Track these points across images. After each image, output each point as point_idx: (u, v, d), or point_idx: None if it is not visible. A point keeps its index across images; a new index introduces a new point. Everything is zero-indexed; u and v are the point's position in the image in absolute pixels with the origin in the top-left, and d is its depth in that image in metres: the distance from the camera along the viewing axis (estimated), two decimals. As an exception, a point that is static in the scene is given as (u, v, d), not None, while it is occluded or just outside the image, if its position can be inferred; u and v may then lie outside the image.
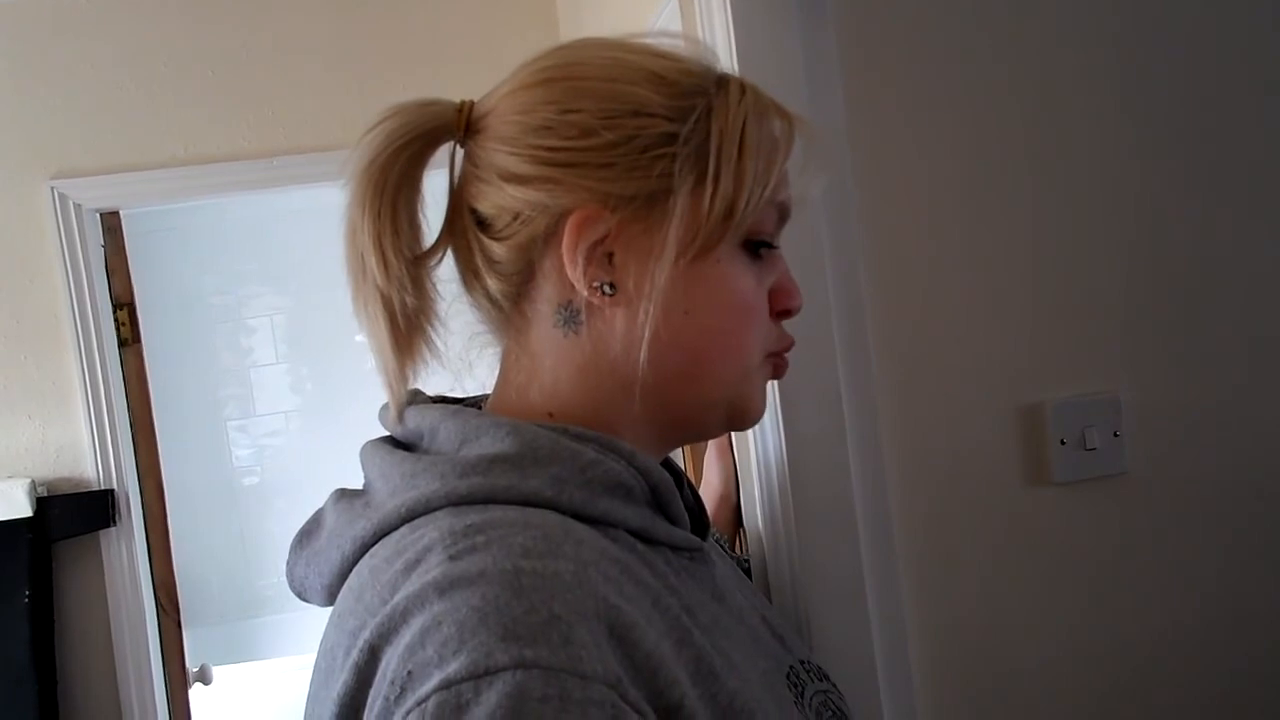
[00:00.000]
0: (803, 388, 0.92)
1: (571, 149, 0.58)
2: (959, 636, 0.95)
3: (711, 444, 1.08)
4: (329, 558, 0.59)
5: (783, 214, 0.65)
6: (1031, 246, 0.95)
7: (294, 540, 0.64)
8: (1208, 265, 0.98)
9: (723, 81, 0.62)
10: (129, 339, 2.20)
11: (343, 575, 0.58)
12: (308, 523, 0.64)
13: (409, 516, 0.55)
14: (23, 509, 2.02)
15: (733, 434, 1.04)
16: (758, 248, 0.63)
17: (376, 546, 0.56)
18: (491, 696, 0.42)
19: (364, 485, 0.63)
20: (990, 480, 0.95)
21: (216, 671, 2.42)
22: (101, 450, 2.12)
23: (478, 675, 0.43)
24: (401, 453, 0.61)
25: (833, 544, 0.93)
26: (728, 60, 0.91)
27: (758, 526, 0.99)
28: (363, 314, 0.62)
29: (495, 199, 0.61)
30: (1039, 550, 0.96)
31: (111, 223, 2.20)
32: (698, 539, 0.65)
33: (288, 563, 0.64)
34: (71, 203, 2.12)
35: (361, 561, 0.56)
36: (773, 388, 0.91)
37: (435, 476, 0.56)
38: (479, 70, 0.58)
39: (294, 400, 3.96)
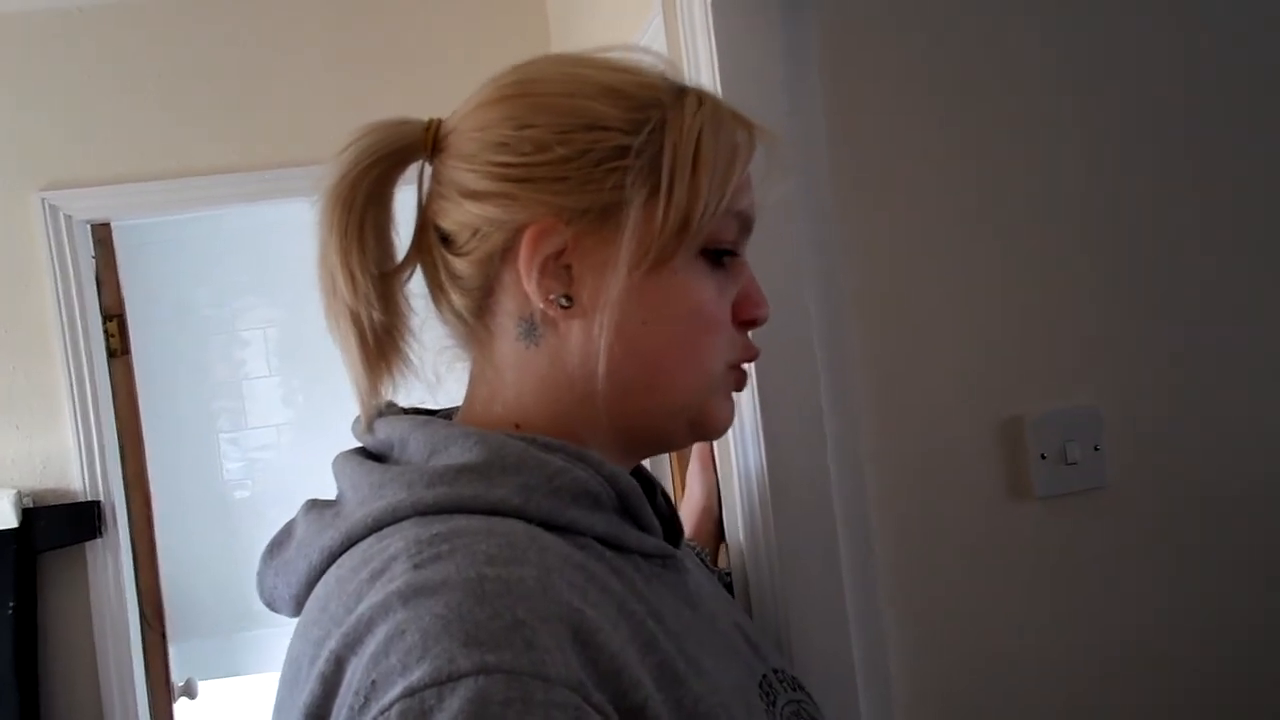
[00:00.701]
0: (783, 401, 0.92)
1: (526, 164, 0.59)
2: (938, 649, 0.95)
3: (694, 457, 1.07)
4: (297, 567, 0.59)
5: (744, 223, 0.65)
6: (1011, 259, 0.95)
7: (265, 550, 0.64)
8: (1189, 278, 0.98)
9: (680, 93, 0.62)
10: (118, 350, 2.20)
11: (310, 585, 0.58)
12: (279, 533, 0.65)
13: (376, 526, 0.56)
14: (8, 520, 2.01)
15: (714, 447, 1.04)
16: (719, 256, 0.63)
17: (344, 556, 0.56)
18: (454, 702, 0.42)
19: (336, 496, 0.63)
20: (971, 494, 0.95)
21: (206, 685, 2.41)
22: (88, 461, 2.11)
23: (440, 681, 0.43)
24: (371, 463, 0.61)
25: (813, 557, 0.92)
26: (709, 73, 0.91)
27: (739, 539, 0.99)
28: (335, 330, 0.63)
29: (456, 215, 0.62)
30: (1019, 564, 0.96)
31: (102, 234, 2.19)
32: (669, 546, 0.65)
33: (258, 573, 0.64)
34: (62, 214, 2.12)
35: (329, 571, 0.57)
36: (753, 401, 0.91)
37: (403, 486, 0.57)
38: (471, 84, 0.59)
39: (286, 413, 3.96)
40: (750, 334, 0.91)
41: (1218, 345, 0.98)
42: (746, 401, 0.93)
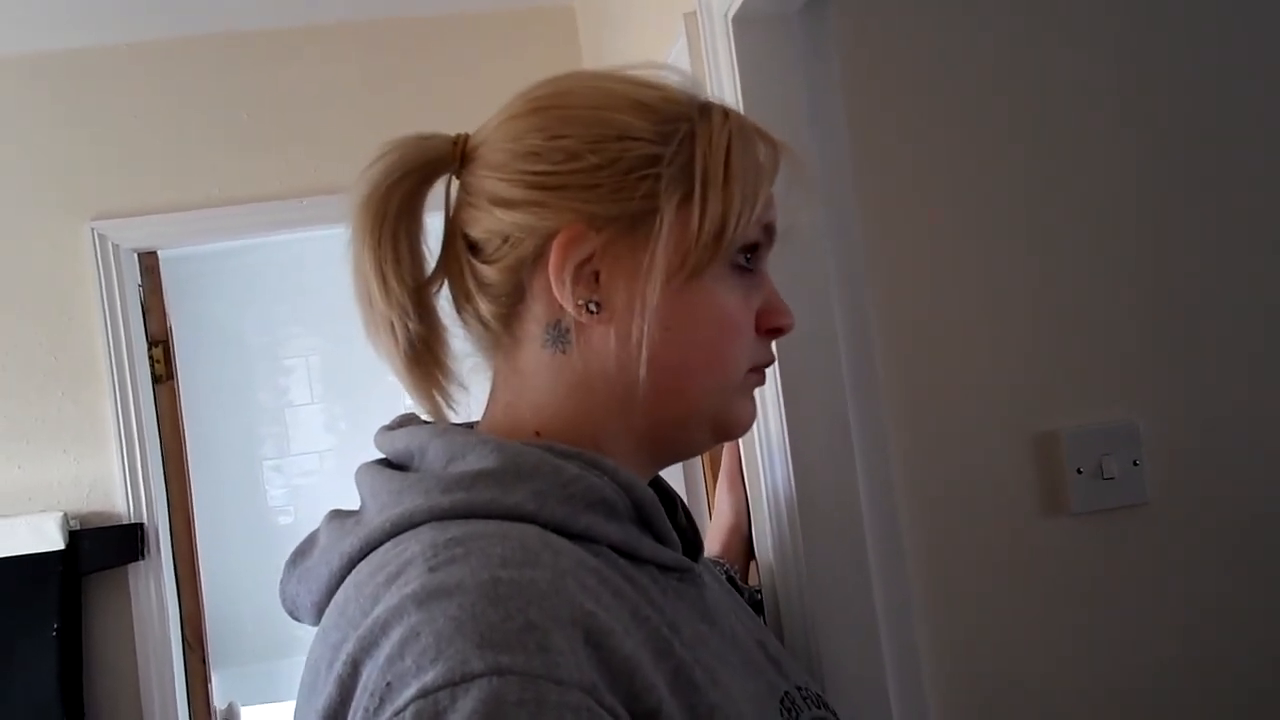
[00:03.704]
0: (810, 417, 0.91)
1: (558, 173, 0.61)
2: (973, 669, 0.93)
3: (723, 474, 1.06)
4: (318, 574, 0.60)
5: (770, 234, 0.66)
6: (1044, 271, 0.94)
7: (288, 559, 0.65)
8: (1229, 290, 0.96)
9: (706, 108, 0.64)
10: (163, 376, 2.24)
11: (331, 592, 0.58)
12: (303, 542, 0.65)
13: (393, 531, 0.56)
14: (55, 542, 2.05)
15: (743, 465, 1.03)
16: (745, 265, 0.64)
17: (362, 562, 0.57)
18: (467, 703, 0.43)
19: (359, 506, 0.64)
20: (1005, 510, 0.93)
21: (248, 712, 2.42)
22: (133, 485, 2.15)
23: (454, 683, 0.43)
24: (391, 472, 0.62)
25: (843, 576, 0.91)
26: (732, 90, 0.92)
27: (769, 558, 0.98)
28: (376, 342, 0.65)
29: (486, 223, 0.63)
30: (1057, 582, 0.93)
31: (149, 262, 2.25)
32: (687, 560, 0.65)
33: (281, 581, 0.65)
34: (110, 243, 2.17)
35: (348, 577, 0.57)
36: (780, 417, 0.90)
37: (420, 493, 0.57)
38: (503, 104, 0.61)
39: (329, 440, 4.01)
40: (778, 350, 0.91)
41: (1259, 358, 0.96)
42: (773, 418, 0.92)
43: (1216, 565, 0.94)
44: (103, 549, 2.10)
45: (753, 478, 1.00)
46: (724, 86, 0.94)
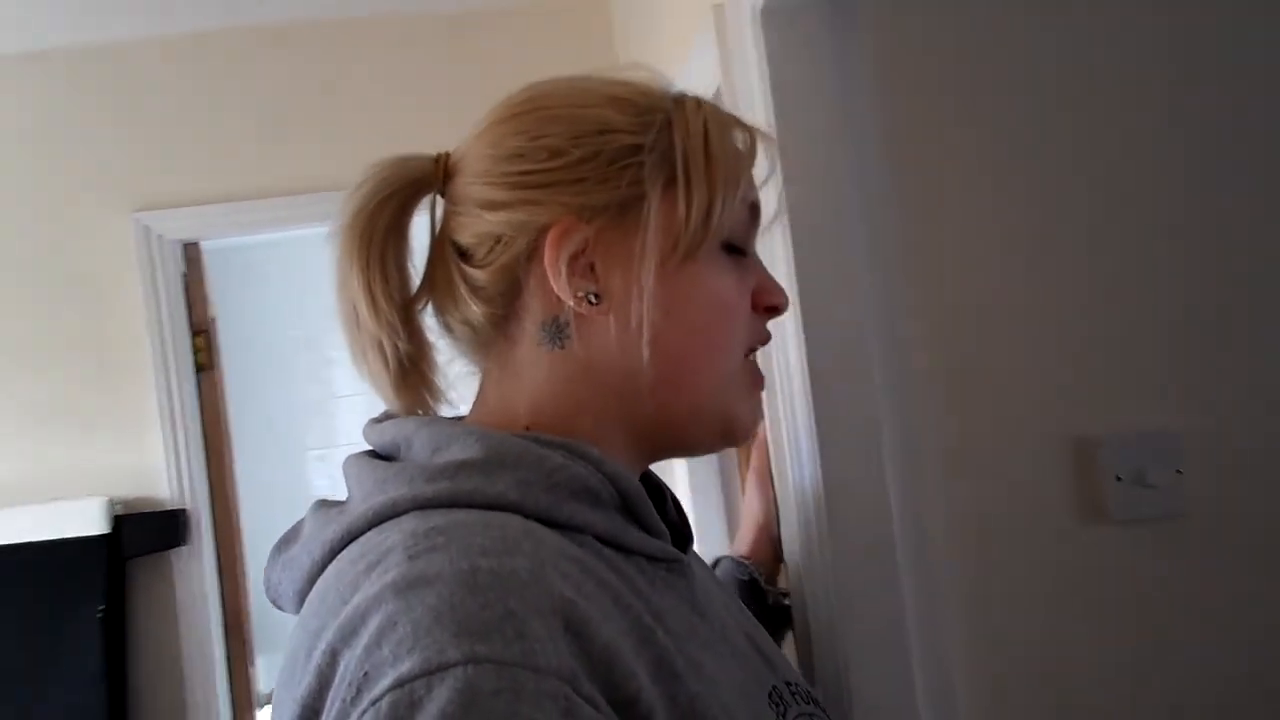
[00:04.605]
0: (840, 416, 0.89)
1: (544, 170, 0.62)
2: (1008, 680, 0.90)
3: (751, 473, 1.05)
4: (301, 563, 0.60)
5: (755, 213, 0.68)
6: (1084, 272, 0.90)
7: (273, 548, 0.65)
8: (1276, 293, 0.92)
9: (680, 98, 0.66)
10: (206, 365, 2.28)
11: (312, 580, 0.59)
12: (288, 531, 0.66)
13: (376, 520, 0.56)
14: (99, 526, 2.09)
15: (773, 464, 1.01)
16: (735, 246, 0.66)
17: (345, 550, 0.57)
18: (443, 692, 0.43)
19: (346, 496, 0.65)
20: (1041, 516, 0.90)
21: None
22: (176, 471, 2.19)
23: (430, 672, 0.43)
24: (377, 461, 0.63)
25: (871, 580, 0.89)
26: (760, 86, 0.90)
27: (796, 560, 0.96)
28: (362, 363, 0.66)
29: (476, 228, 0.64)
30: (1095, 592, 0.90)
31: (192, 253, 2.28)
32: (675, 550, 0.65)
33: (265, 569, 0.65)
34: (153, 234, 2.21)
35: (330, 565, 0.57)
36: (809, 416, 0.88)
37: (404, 482, 0.57)
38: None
39: (372, 431, 4.03)
40: (807, 347, 0.89)
41: (1315, 362, 0.92)
42: (801, 416, 0.90)
43: (1259, 579, 0.90)
44: (146, 534, 2.14)
45: (780, 478, 0.98)
46: (752, 79, 0.92)
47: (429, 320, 0.67)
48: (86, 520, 2.09)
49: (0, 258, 2.22)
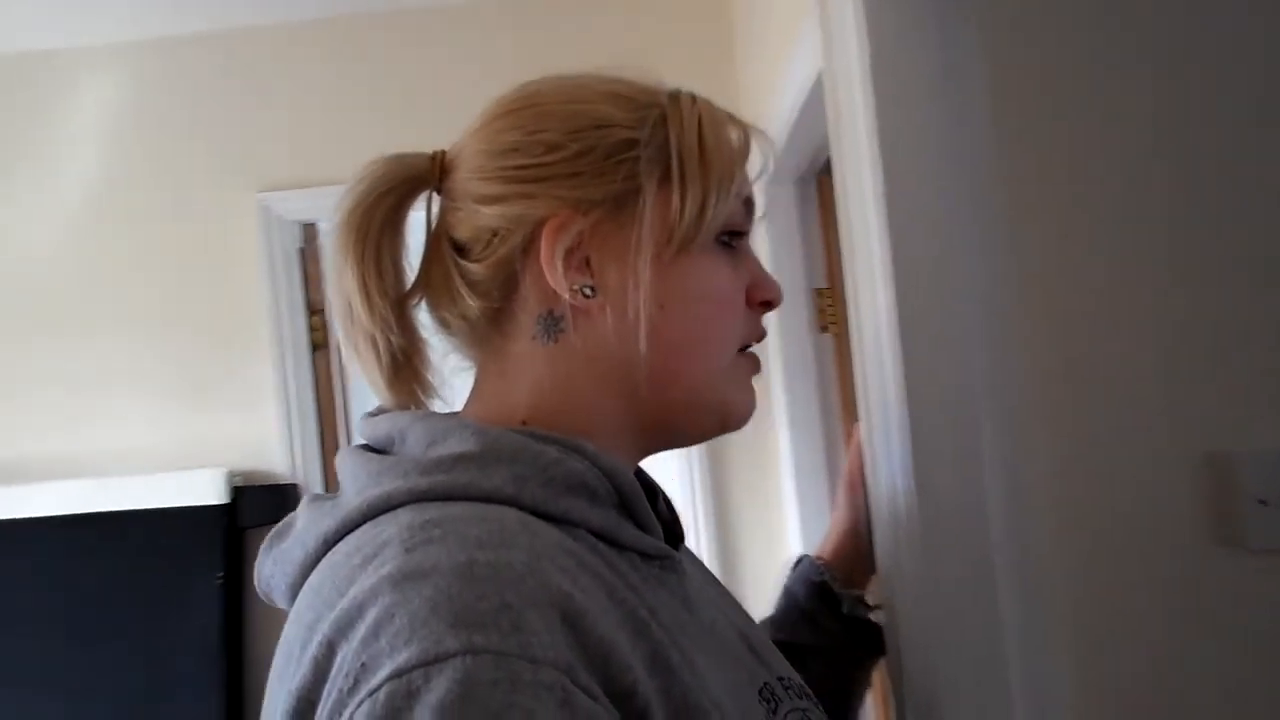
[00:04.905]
0: (937, 425, 0.81)
1: (540, 164, 0.63)
2: (1118, 712, 0.81)
3: (843, 477, 0.99)
4: (293, 556, 0.60)
5: (750, 208, 0.68)
6: (1220, 264, 0.80)
7: (265, 542, 0.66)
8: None
9: (674, 95, 0.66)
10: (321, 343, 2.34)
11: (305, 573, 0.59)
12: (280, 525, 0.66)
13: (370, 513, 0.57)
14: (219, 496, 2.18)
15: (866, 470, 0.94)
16: (730, 240, 0.67)
17: (339, 544, 0.57)
18: (441, 682, 0.43)
19: (339, 489, 0.65)
20: (1164, 541, 0.80)
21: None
22: (289, 446, 2.26)
23: (428, 662, 0.44)
24: (371, 455, 0.63)
25: (966, 607, 0.81)
26: (860, 66, 0.82)
27: (887, 572, 0.90)
28: (354, 357, 0.67)
29: (473, 222, 0.64)
30: (1228, 628, 0.80)
31: (310, 233, 2.34)
32: (668, 547, 0.65)
33: (257, 563, 0.66)
34: (274, 214, 2.28)
35: (324, 559, 0.57)
36: (903, 420, 0.81)
37: (399, 475, 0.58)
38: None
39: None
40: (902, 342, 0.82)
41: None
42: (895, 420, 0.83)
43: None
44: (261, 505, 2.22)
45: (873, 487, 0.92)
46: (851, 61, 0.85)
47: (424, 318, 0.67)
48: (207, 490, 2.18)
49: (130, 236, 2.32)
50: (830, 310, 1.95)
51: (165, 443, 2.28)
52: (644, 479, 0.72)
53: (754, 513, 2.28)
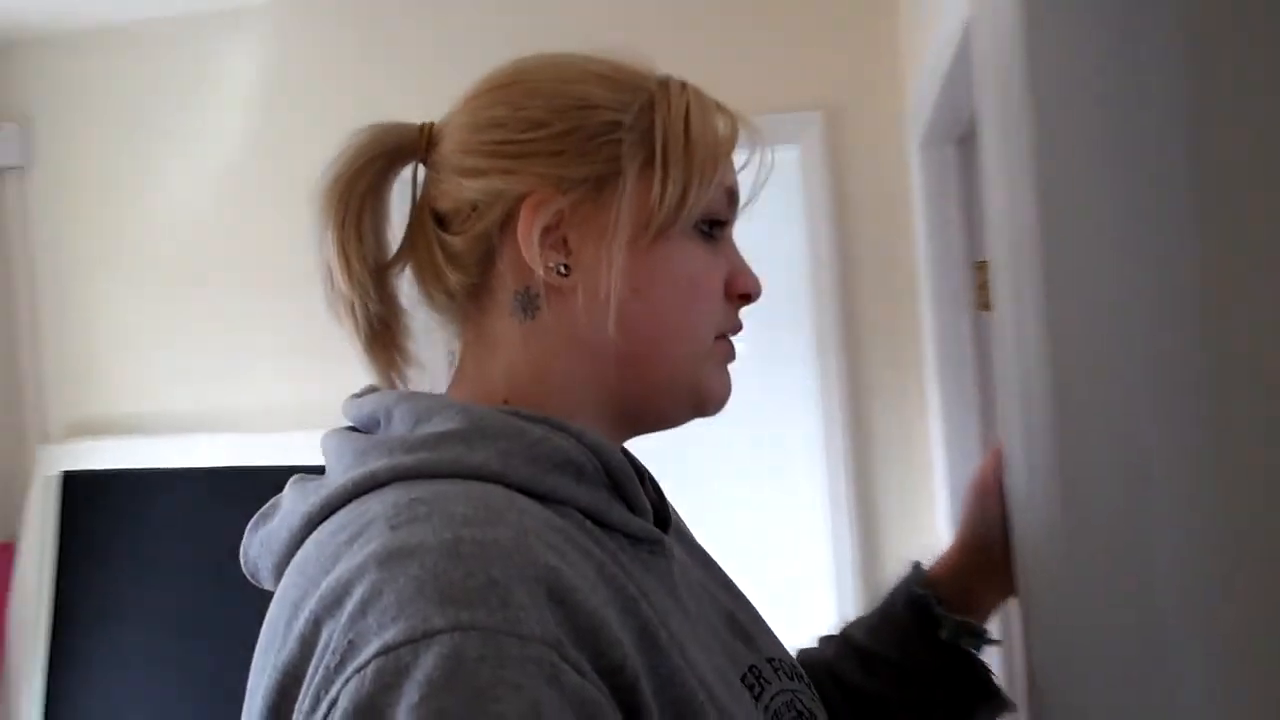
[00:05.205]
0: (1094, 444, 0.65)
1: (523, 140, 0.63)
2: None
3: (971, 482, 0.84)
4: (279, 537, 0.60)
5: (733, 198, 0.68)
6: None
7: (250, 523, 0.66)
8: None
9: (664, 80, 0.67)
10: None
11: (291, 553, 0.59)
12: (266, 506, 0.66)
13: (356, 492, 0.57)
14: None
15: (1007, 480, 0.79)
16: (710, 230, 0.66)
17: (325, 523, 0.57)
18: (429, 659, 0.44)
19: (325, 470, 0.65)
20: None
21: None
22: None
23: (415, 639, 0.44)
24: (356, 434, 0.63)
25: (1128, 655, 0.65)
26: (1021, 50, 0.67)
27: (1027, 608, 0.74)
28: (338, 322, 0.67)
29: (454, 194, 0.65)
30: None
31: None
32: (657, 530, 0.65)
33: (243, 544, 0.65)
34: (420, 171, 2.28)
35: (309, 537, 0.57)
36: (1052, 432, 0.66)
37: (384, 453, 0.58)
38: (817, 66, 0.53)
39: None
40: (1052, 340, 0.68)
41: None
42: (1042, 426, 0.68)
43: None
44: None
45: (1014, 503, 0.76)
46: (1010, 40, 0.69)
47: (411, 294, 0.68)
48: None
49: (267, 193, 2.38)
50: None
51: (298, 402, 2.32)
52: (631, 460, 0.71)
53: (900, 507, 2.13)
